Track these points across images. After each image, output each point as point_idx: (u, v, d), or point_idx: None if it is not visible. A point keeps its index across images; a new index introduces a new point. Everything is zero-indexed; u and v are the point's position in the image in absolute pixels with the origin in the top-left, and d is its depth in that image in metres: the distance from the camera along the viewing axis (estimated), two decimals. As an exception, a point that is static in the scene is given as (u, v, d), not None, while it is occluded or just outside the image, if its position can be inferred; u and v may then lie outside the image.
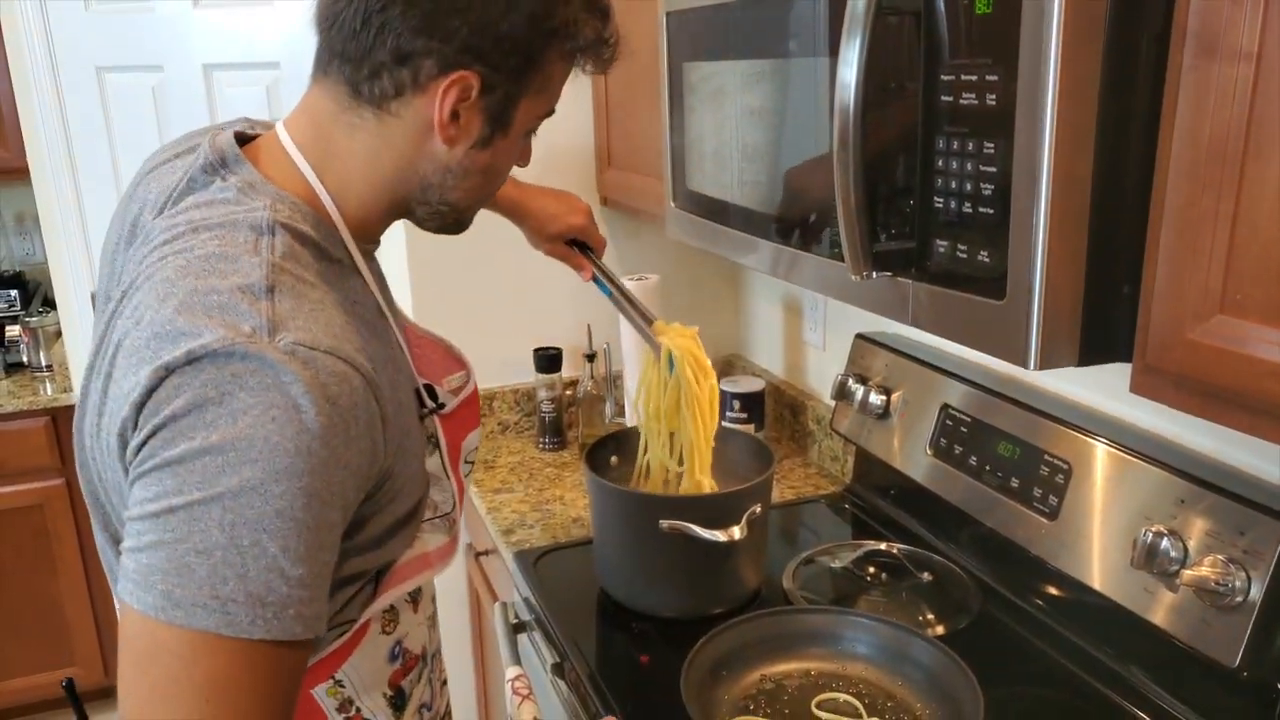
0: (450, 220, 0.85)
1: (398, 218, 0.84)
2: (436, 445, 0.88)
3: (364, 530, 0.76)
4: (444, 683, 1.02)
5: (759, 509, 1.19)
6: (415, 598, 0.92)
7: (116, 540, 0.78)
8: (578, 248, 1.32)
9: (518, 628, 1.31)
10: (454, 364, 1.00)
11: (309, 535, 0.65)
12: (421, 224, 0.85)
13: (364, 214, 0.80)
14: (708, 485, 1.25)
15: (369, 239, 0.83)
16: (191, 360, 0.64)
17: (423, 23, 0.72)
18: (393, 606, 0.87)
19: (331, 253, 0.76)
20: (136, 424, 0.66)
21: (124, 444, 0.68)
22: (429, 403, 0.86)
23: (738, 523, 1.16)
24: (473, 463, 1.03)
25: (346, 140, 0.77)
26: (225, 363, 0.64)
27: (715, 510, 1.18)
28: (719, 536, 1.14)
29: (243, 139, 0.81)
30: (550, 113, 0.83)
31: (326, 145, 0.78)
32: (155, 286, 0.70)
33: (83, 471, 0.79)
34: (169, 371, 0.65)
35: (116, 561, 0.75)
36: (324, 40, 0.77)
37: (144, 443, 0.65)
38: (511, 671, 1.16)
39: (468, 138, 0.77)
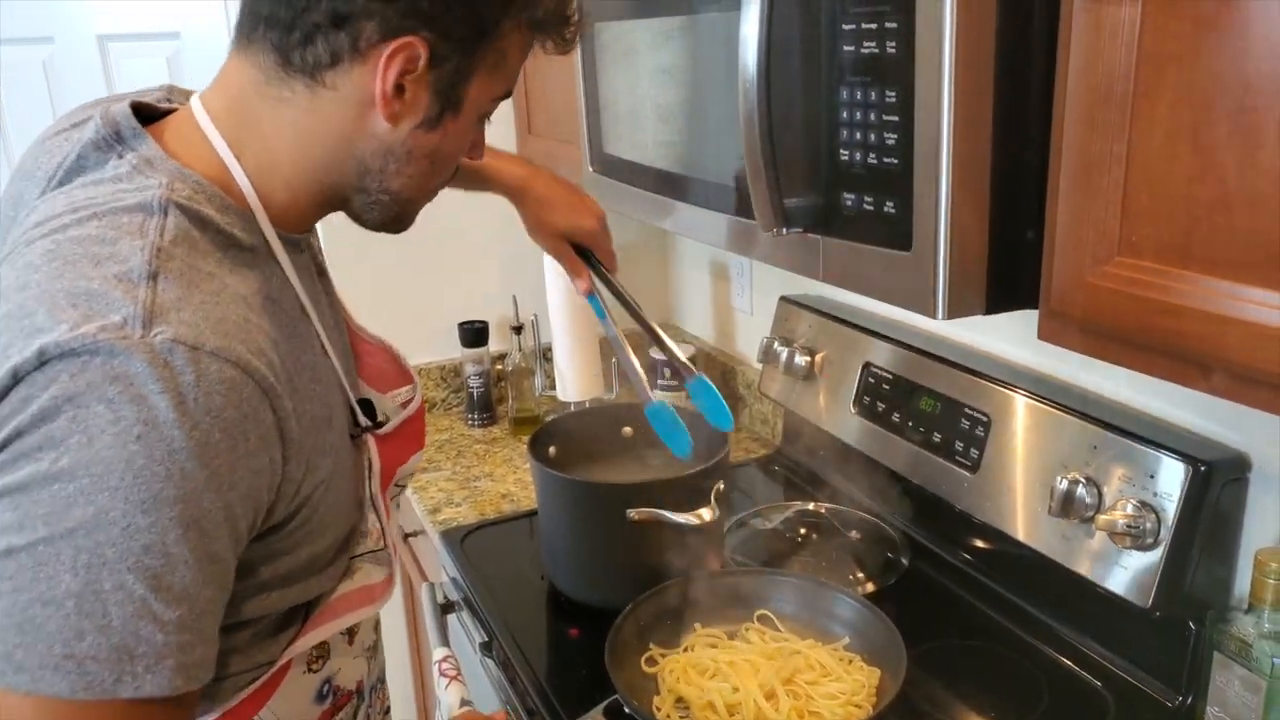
0: (391, 214, 0.75)
1: (333, 208, 0.74)
2: (369, 469, 0.80)
3: (273, 565, 0.68)
4: (386, 711, 0.95)
5: (722, 485, 1.16)
6: (351, 630, 0.83)
7: None
8: (582, 256, 1.11)
9: (445, 608, 1.28)
10: (399, 377, 0.91)
11: (186, 571, 0.56)
12: (360, 217, 0.75)
13: (291, 201, 0.70)
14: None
15: (298, 229, 0.73)
16: (43, 362, 0.54)
17: None
18: (323, 642, 0.79)
19: (240, 239, 0.66)
20: None
21: None
22: (363, 420, 0.77)
23: (707, 503, 1.12)
24: (404, 486, 0.93)
25: (272, 116, 0.68)
26: (84, 365, 0.54)
27: (683, 493, 1.12)
28: (691, 520, 1.10)
29: (153, 112, 0.72)
30: (507, 94, 0.75)
31: (247, 121, 0.68)
32: (16, 270, 0.60)
33: None
34: (16, 379, 0.55)
35: None
36: (248, 3, 0.68)
37: None
38: (439, 653, 1.14)
39: (413, 115, 0.68)
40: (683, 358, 1.10)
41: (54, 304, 0.57)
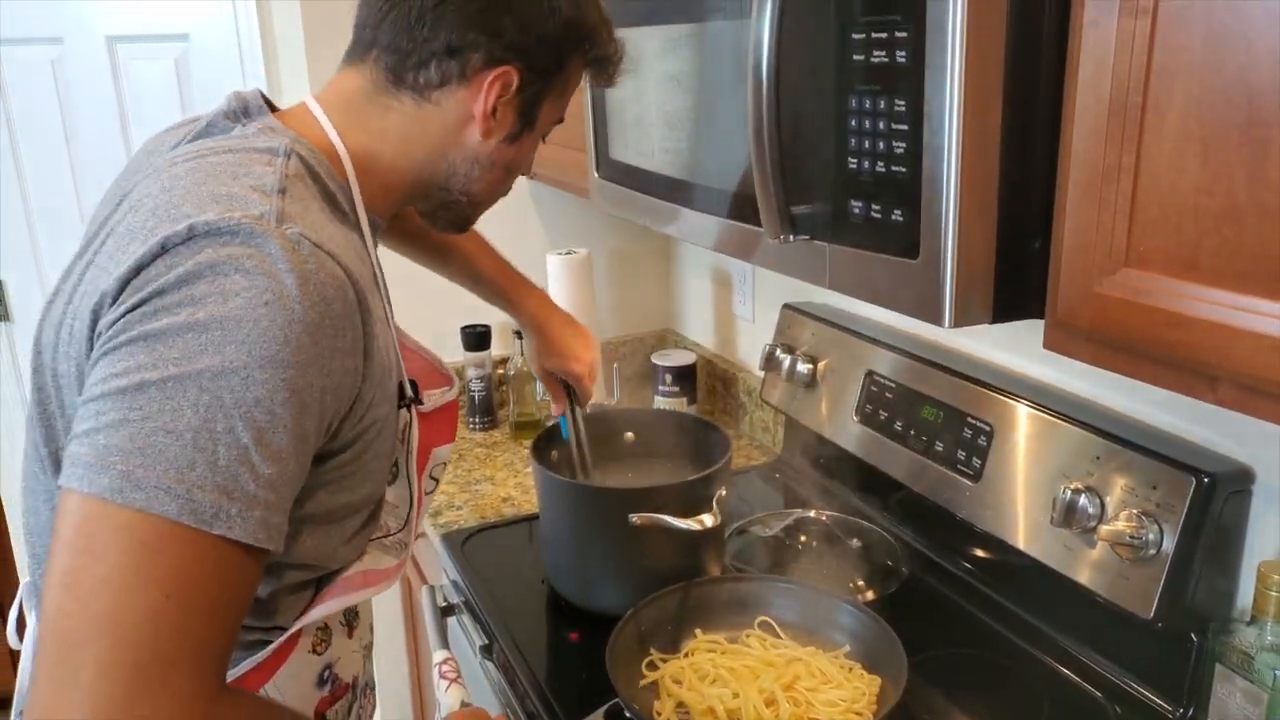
0: (463, 215, 0.88)
1: (413, 202, 0.85)
2: (407, 440, 0.85)
3: (314, 500, 0.72)
4: (370, 715, 0.98)
5: (724, 492, 1.16)
6: (351, 622, 0.88)
7: (56, 462, 0.73)
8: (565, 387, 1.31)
9: (446, 611, 1.28)
10: (439, 379, 0.99)
11: (284, 435, 0.62)
12: (433, 215, 0.87)
13: (381, 187, 0.80)
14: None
15: (381, 214, 0.83)
16: (192, 236, 0.62)
17: (476, 18, 0.76)
18: (326, 626, 0.83)
19: (339, 202, 0.75)
20: (118, 298, 0.63)
21: (95, 321, 0.64)
22: (409, 392, 0.84)
23: (708, 509, 1.12)
24: (438, 480, 1.00)
25: (379, 118, 0.79)
26: (226, 242, 0.62)
27: (685, 498, 1.12)
28: (693, 525, 1.10)
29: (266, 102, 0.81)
30: (561, 120, 0.87)
31: (354, 116, 0.79)
32: (161, 180, 0.69)
33: (35, 378, 0.74)
34: (164, 248, 0.62)
35: (51, 480, 0.72)
36: (367, 33, 0.79)
37: (122, 316, 0.62)
38: (439, 655, 1.13)
39: (500, 131, 0.81)
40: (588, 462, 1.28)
41: (200, 200, 0.65)
